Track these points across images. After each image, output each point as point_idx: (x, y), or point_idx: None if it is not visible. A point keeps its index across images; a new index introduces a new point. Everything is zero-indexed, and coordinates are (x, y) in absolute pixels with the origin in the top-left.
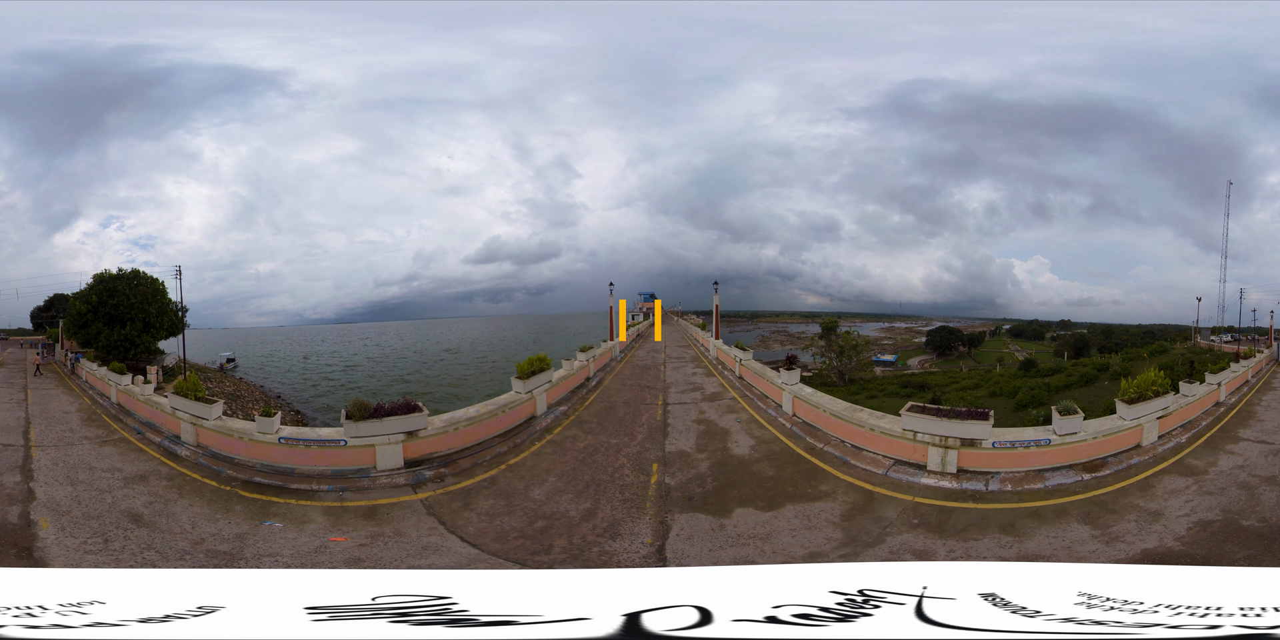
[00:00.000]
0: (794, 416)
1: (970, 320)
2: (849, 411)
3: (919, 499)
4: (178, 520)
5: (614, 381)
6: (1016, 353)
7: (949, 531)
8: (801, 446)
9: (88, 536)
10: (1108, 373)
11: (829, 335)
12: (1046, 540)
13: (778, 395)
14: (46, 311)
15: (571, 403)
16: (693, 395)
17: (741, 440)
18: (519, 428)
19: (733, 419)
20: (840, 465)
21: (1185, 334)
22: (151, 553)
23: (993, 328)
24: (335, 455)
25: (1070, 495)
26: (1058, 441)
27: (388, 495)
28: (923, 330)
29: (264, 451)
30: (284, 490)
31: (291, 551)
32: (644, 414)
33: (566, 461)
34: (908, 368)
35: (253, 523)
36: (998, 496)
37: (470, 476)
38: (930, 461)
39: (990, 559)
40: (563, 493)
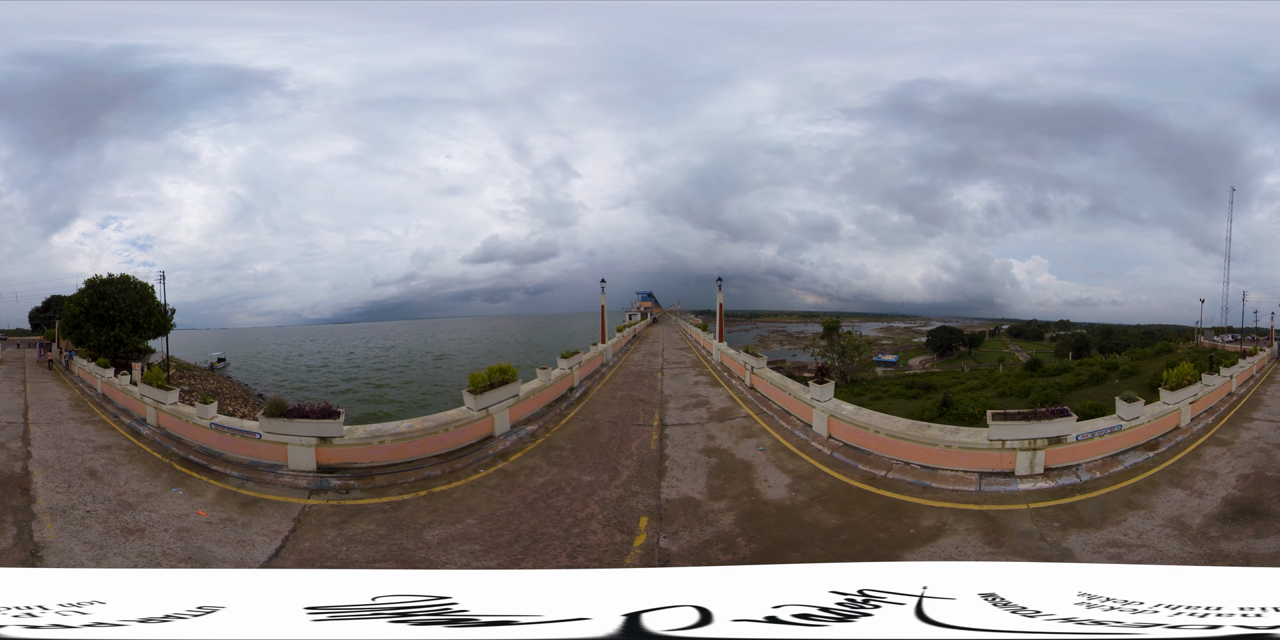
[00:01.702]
0: (830, 439)
1: (968, 320)
2: (914, 430)
3: (1033, 505)
4: (118, 477)
5: (602, 393)
6: (1017, 353)
7: (1091, 522)
8: (857, 477)
9: (60, 483)
10: (1117, 372)
11: (831, 335)
12: (1164, 505)
13: (805, 413)
14: (44, 312)
15: (545, 421)
16: (697, 412)
17: (773, 477)
18: (467, 449)
19: (753, 446)
20: (922, 492)
21: (1186, 334)
22: (90, 497)
23: (991, 328)
24: (253, 447)
25: (1148, 470)
26: (1125, 426)
27: (281, 493)
28: (922, 330)
29: (201, 434)
30: (206, 469)
31: (165, 512)
32: (634, 439)
33: (507, 501)
34: (909, 368)
35: (165, 488)
36: (1096, 484)
37: (379, 495)
38: (1019, 467)
39: (1150, 532)
40: (469, 543)
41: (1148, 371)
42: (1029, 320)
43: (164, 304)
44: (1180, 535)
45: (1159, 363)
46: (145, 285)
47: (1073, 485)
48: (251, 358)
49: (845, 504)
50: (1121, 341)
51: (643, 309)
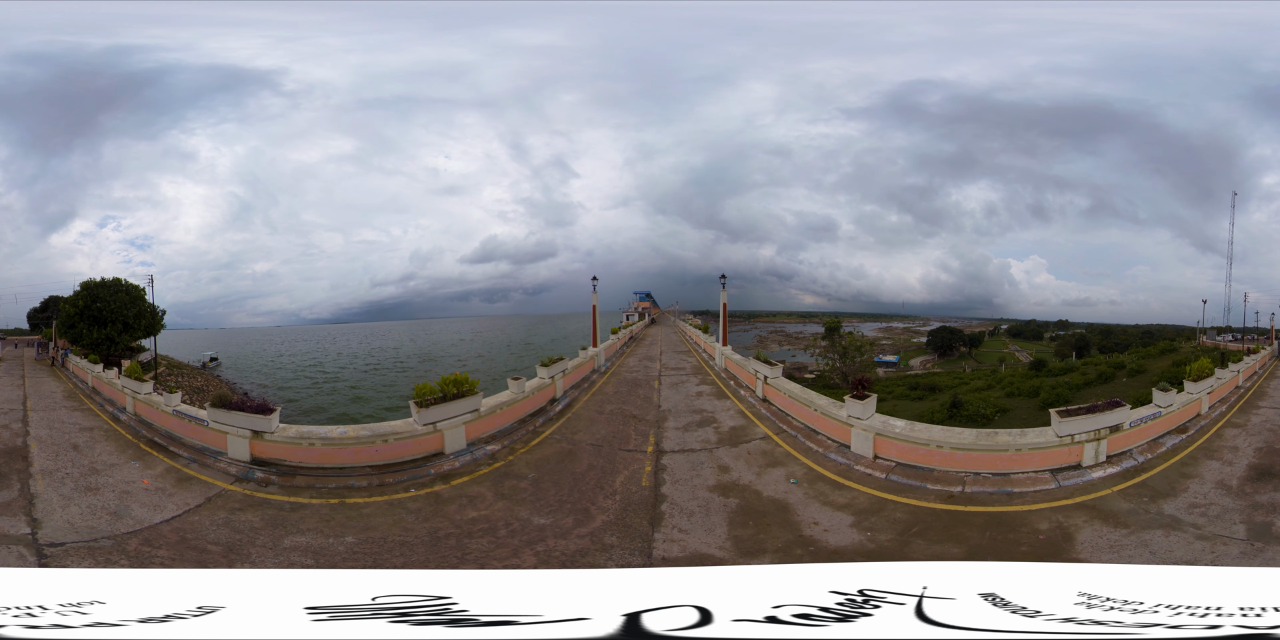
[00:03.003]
0: (878, 460)
1: (967, 320)
2: (984, 439)
3: (1114, 488)
4: (94, 451)
5: (589, 406)
6: (1017, 353)
7: (1166, 493)
8: (933, 499)
9: (50, 453)
10: (1124, 370)
11: (832, 335)
12: (1209, 473)
13: (838, 432)
14: (42, 313)
15: (512, 440)
16: (702, 434)
17: (824, 517)
18: (406, 465)
19: (781, 478)
20: (1009, 500)
21: (1186, 334)
22: (70, 463)
23: (990, 328)
24: (204, 433)
25: (1186, 449)
26: (1163, 413)
27: (212, 476)
28: (921, 330)
29: (166, 420)
30: (165, 450)
31: (119, 479)
32: (621, 470)
33: (414, 529)
34: (910, 368)
35: (126, 461)
36: (1151, 463)
37: (290, 494)
38: (1085, 458)
39: (1209, 493)
40: (313, 557)
41: (1154, 370)
42: (1028, 320)
43: (154, 305)
44: (1228, 493)
45: (1164, 361)
46: (136, 287)
47: (1134, 467)
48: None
49: (949, 531)
50: (1121, 341)
51: (640, 309)
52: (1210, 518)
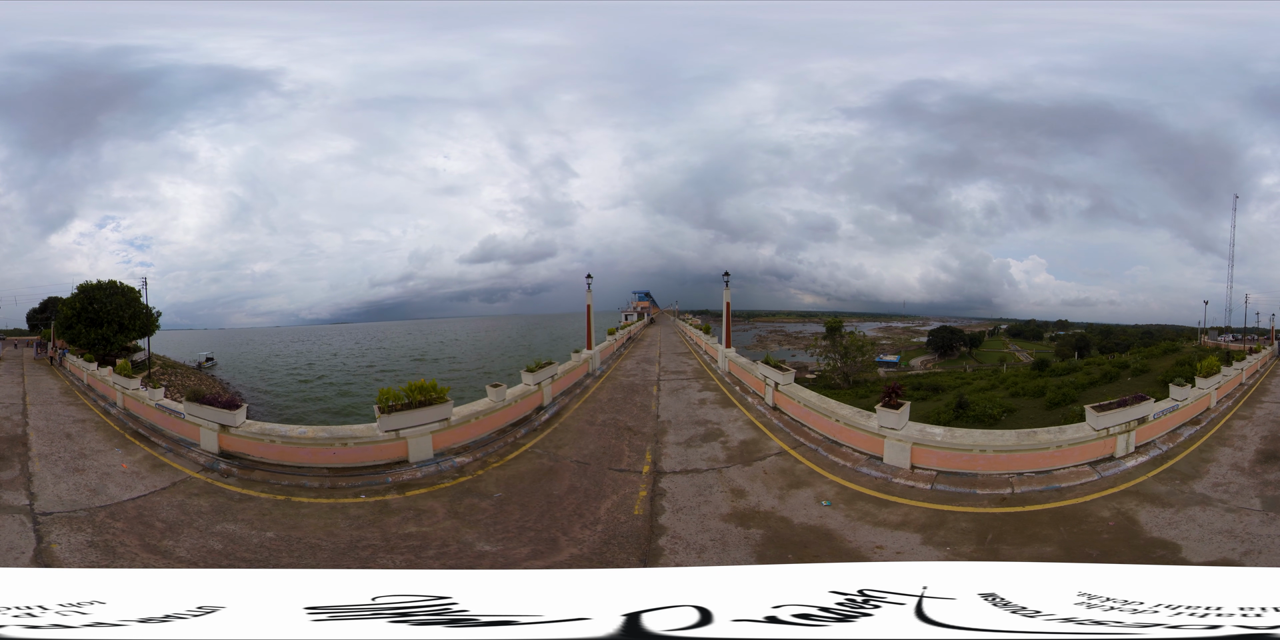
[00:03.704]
0: (916, 470)
1: (966, 320)
2: (1026, 439)
3: (1149, 475)
4: (84, 440)
5: (579, 415)
6: (1017, 353)
7: (1193, 476)
8: (988, 503)
9: (46, 440)
10: (1128, 370)
11: (834, 335)
12: (1224, 458)
13: (867, 443)
14: (41, 313)
15: (487, 452)
16: (708, 449)
17: (891, 540)
18: (364, 470)
19: (810, 500)
20: (1059, 495)
21: (1186, 334)
22: (63, 449)
23: (990, 328)
24: (180, 426)
25: (1201, 438)
26: (1180, 406)
27: (182, 464)
28: (921, 330)
29: (150, 413)
30: (146, 440)
31: (102, 462)
32: (610, 494)
33: (337, 535)
34: (910, 368)
35: (111, 448)
36: (1173, 452)
37: (245, 487)
38: (1118, 449)
39: (1227, 473)
40: (213, 542)
41: (1157, 369)
42: (1027, 320)
43: (149, 307)
44: (1243, 474)
45: (1167, 361)
46: (132, 289)
47: (1160, 455)
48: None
49: (1025, 532)
50: (1121, 341)
51: (639, 309)
52: (1232, 494)
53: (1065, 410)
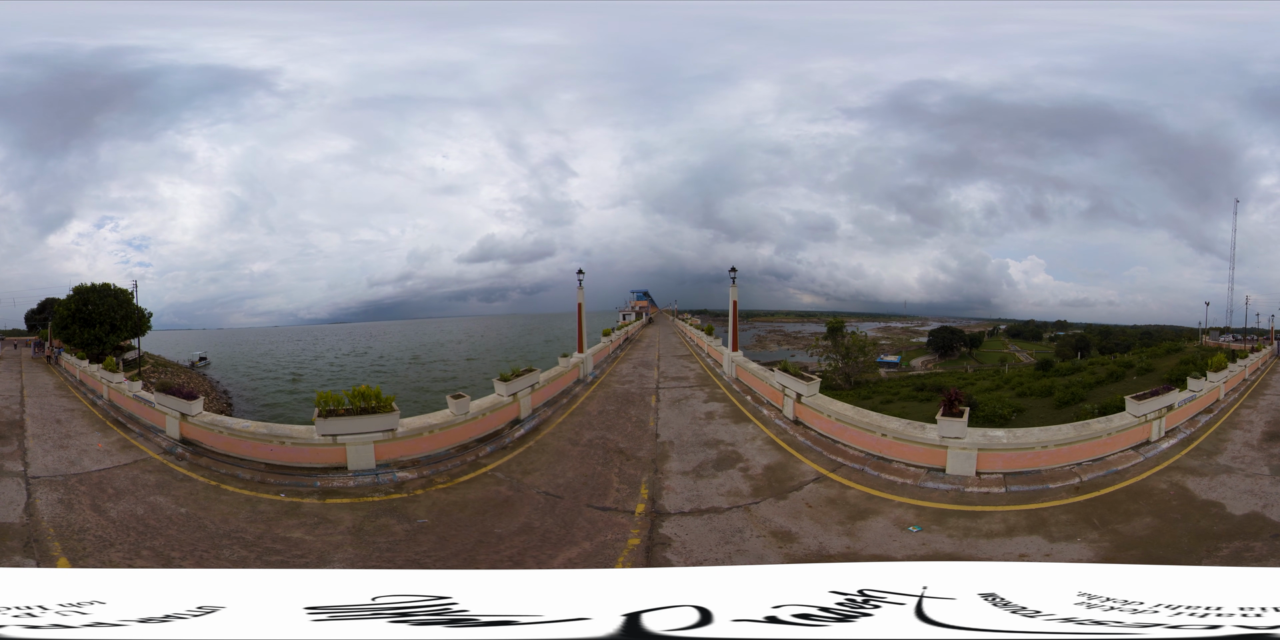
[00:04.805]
0: (981, 476)
1: (965, 320)
2: (1081, 430)
3: (1181, 453)
4: (71, 425)
5: (561, 431)
6: (1017, 353)
7: (1216, 452)
8: (1066, 494)
9: (39, 425)
10: (1134, 369)
11: (835, 335)
12: (1238, 437)
13: (926, 456)
14: (39, 314)
15: (439, 469)
16: (726, 478)
17: (1022, 547)
18: (297, 470)
19: (887, 531)
20: (1119, 477)
21: (1186, 335)
22: (53, 431)
23: (989, 328)
24: (151, 414)
25: (1215, 423)
26: (1197, 396)
27: (148, 447)
28: (920, 330)
29: (129, 404)
30: (124, 427)
31: (83, 443)
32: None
33: (177, 534)
34: (911, 369)
35: (92, 432)
36: (1196, 435)
37: (190, 470)
38: (1154, 434)
39: (1241, 448)
40: (139, 516)
41: (1162, 369)
42: (1026, 320)
43: (140, 308)
44: (1254, 449)
45: (1171, 360)
46: (124, 292)
47: (1187, 437)
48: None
49: (1119, 512)
50: (1121, 342)
51: (638, 308)
52: (1247, 464)
53: (1077, 408)
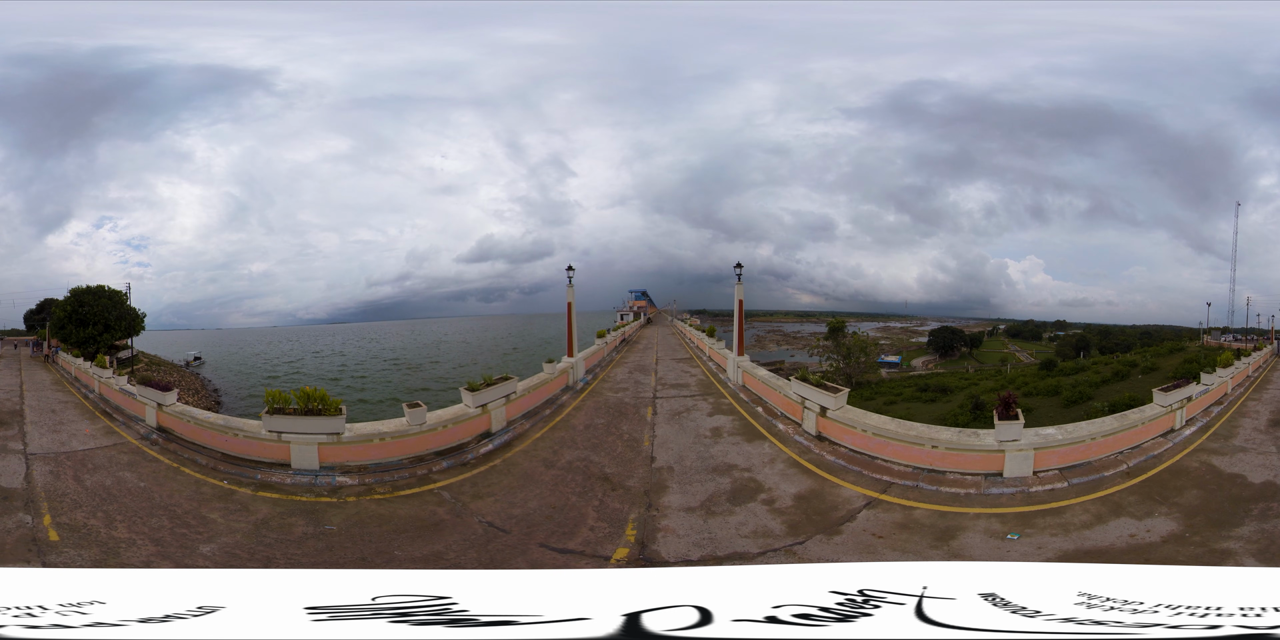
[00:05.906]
0: (1038, 474)
1: (964, 320)
2: (1121, 421)
3: (1203, 438)
4: (65, 414)
5: (537, 448)
6: (1018, 353)
7: (1232, 436)
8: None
9: (36, 413)
10: (1138, 368)
11: (836, 336)
12: (1247, 423)
13: (982, 463)
14: (38, 314)
15: (381, 479)
16: (747, 515)
17: (1108, 536)
18: (244, 461)
19: (980, 544)
20: (1157, 461)
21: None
22: (48, 419)
23: (988, 328)
24: (135, 405)
25: (1227, 413)
26: (1210, 389)
27: (128, 433)
28: (919, 330)
29: (116, 396)
30: (111, 417)
31: (73, 428)
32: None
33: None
34: (912, 369)
35: (82, 420)
36: (1212, 422)
37: (161, 454)
38: (1177, 422)
39: (1251, 432)
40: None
41: (1165, 368)
42: (1025, 320)
43: (134, 308)
44: (1261, 434)
45: (1174, 360)
46: (118, 293)
47: (1205, 424)
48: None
49: (1167, 487)
50: (1121, 342)
51: (636, 308)
52: (1258, 445)
53: (1086, 407)
